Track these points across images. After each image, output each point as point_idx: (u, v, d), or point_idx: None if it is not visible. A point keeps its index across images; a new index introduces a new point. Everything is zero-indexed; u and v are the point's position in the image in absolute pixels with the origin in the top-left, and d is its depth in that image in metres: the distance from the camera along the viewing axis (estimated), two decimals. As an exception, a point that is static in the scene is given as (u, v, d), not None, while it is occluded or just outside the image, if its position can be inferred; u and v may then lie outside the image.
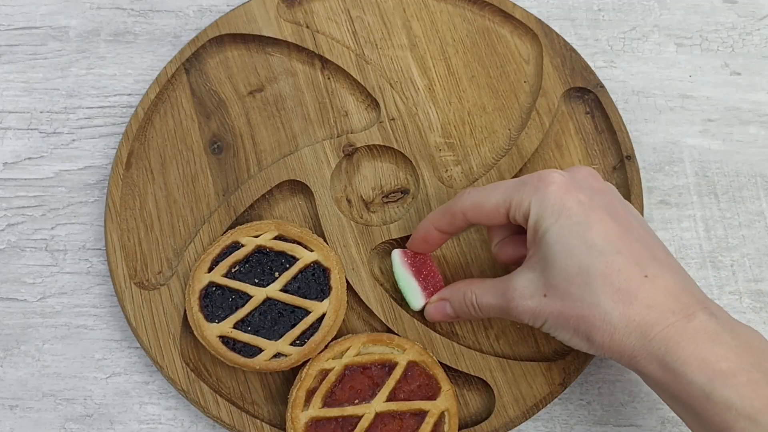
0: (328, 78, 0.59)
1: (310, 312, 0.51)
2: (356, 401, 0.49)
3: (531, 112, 0.58)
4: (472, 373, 0.52)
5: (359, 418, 0.49)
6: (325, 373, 0.50)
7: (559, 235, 0.44)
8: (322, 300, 0.51)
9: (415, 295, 0.52)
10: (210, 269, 0.52)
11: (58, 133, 0.59)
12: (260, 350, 0.50)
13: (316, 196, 0.55)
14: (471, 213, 0.48)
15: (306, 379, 0.50)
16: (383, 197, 0.57)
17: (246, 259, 0.52)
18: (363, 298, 0.53)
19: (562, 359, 0.52)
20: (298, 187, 0.56)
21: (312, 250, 0.52)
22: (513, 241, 0.50)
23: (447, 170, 0.57)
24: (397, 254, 0.53)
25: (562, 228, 0.44)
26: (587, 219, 0.44)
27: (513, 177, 0.56)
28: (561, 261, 0.44)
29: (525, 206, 0.46)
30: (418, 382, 0.50)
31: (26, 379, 0.54)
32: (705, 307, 0.43)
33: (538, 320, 0.45)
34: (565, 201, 0.44)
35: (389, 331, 0.53)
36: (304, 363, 0.51)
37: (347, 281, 0.53)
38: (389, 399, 0.49)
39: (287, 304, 0.51)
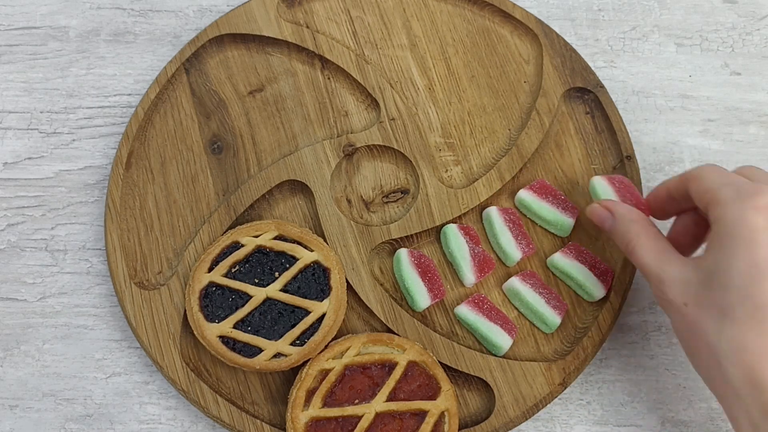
0: (328, 78, 0.59)
1: (310, 312, 0.51)
2: (356, 401, 0.49)
3: (531, 112, 0.58)
4: (472, 373, 0.52)
5: (359, 418, 0.49)
6: (325, 373, 0.50)
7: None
8: (322, 300, 0.51)
9: (421, 295, 0.52)
10: (210, 269, 0.52)
11: (58, 133, 0.59)
12: (260, 350, 0.50)
13: (316, 196, 0.55)
14: (693, 185, 0.47)
15: (306, 379, 0.50)
16: (383, 197, 0.57)
17: (246, 259, 0.52)
18: (363, 298, 0.53)
19: (562, 359, 0.52)
20: (298, 187, 0.56)
21: (312, 250, 0.52)
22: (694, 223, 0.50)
23: (447, 170, 0.57)
24: (404, 254, 0.53)
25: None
26: None
27: (512, 178, 0.56)
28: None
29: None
30: (418, 382, 0.50)
31: (26, 379, 0.54)
32: None
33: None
34: None
35: (389, 331, 0.53)
36: (304, 363, 0.51)
37: (347, 281, 0.53)
38: (389, 399, 0.49)
39: (287, 304, 0.51)
